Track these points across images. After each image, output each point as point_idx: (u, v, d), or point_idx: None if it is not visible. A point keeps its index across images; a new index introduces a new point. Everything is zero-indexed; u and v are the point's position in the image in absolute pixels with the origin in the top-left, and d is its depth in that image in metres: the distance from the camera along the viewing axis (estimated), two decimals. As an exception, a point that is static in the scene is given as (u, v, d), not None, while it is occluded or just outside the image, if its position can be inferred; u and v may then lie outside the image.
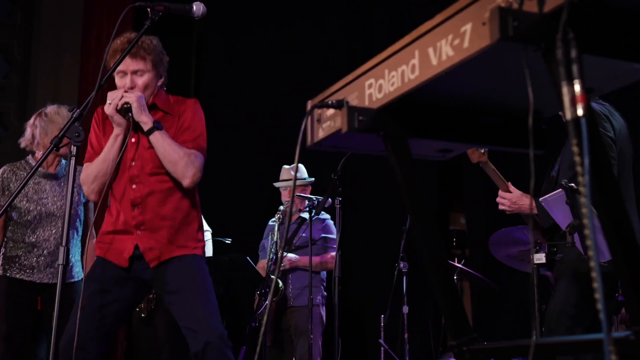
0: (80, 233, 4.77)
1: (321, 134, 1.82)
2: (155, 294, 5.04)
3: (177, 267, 3.50)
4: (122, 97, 3.39)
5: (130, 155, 3.52)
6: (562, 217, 3.54)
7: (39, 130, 4.63)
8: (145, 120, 3.42)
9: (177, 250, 3.52)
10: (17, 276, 4.59)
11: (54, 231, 4.65)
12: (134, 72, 3.48)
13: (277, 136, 6.41)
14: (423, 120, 1.72)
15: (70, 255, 4.66)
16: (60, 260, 2.79)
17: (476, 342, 1.68)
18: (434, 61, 1.48)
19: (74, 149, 2.79)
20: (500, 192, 4.05)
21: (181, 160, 3.44)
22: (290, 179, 5.85)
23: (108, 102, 3.40)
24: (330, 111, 1.78)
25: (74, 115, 2.80)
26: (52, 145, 2.79)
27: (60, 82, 7.77)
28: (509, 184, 4.03)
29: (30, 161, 4.75)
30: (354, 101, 1.73)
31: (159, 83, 3.59)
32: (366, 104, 1.69)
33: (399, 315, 5.77)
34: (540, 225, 3.93)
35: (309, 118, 1.86)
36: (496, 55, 1.36)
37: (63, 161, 4.75)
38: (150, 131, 3.43)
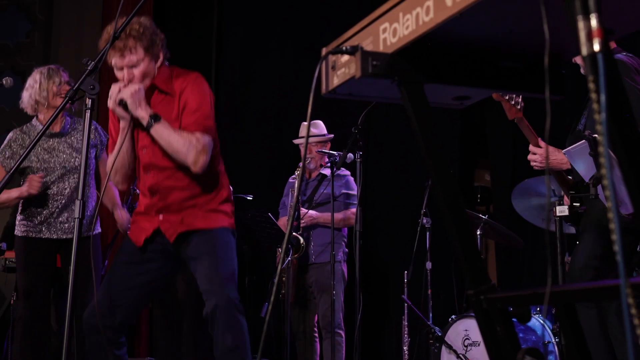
0: (94, 186, 4.79)
1: (336, 81, 1.79)
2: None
3: (199, 237, 3.52)
4: (119, 91, 3.36)
5: (141, 144, 3.53)
6: (586, 168, 3.50)
7: (45, 91, 4.62)
8: (142, 116, 3.38)
9: (199, 224, 3.53)
10: (35, 235, 4.61)
11: (67, 185, 4.68)
12: (129, 66, 3.42)
13: (300, 91, 6.36)
14: (439, 65, 1.68)
15: (88, 209, 4.70)
16: (77, 214, 2.79)
17: (494, 291, 1.66)
18: (449, 2, 1.44)
19: (89, 101, 2.78)
20: (531, 147, 3.99)
21: (184, 149, 3.39)
22: (309, 136, 5.80)
23: (109, 96, 3.38)
24: (345, 57, 1.74)
25: (89, 68, 2.77)
26: (67, 98, 2.77)
27: (82, 41, 7.76)
28: (540, 139, 3.97)
29: (34, 124, 4.77)
30: (368, 46, 1.69)
31: (158, 64, 3.51)
32: (381, 48, 1.66)
33: (422, 272, 5.76)
34: (567, 182, 3.88)
35: (324, 65, 1.82)
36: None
37: (67, 118, 4.78)
38: (149, 126, 3.38)
